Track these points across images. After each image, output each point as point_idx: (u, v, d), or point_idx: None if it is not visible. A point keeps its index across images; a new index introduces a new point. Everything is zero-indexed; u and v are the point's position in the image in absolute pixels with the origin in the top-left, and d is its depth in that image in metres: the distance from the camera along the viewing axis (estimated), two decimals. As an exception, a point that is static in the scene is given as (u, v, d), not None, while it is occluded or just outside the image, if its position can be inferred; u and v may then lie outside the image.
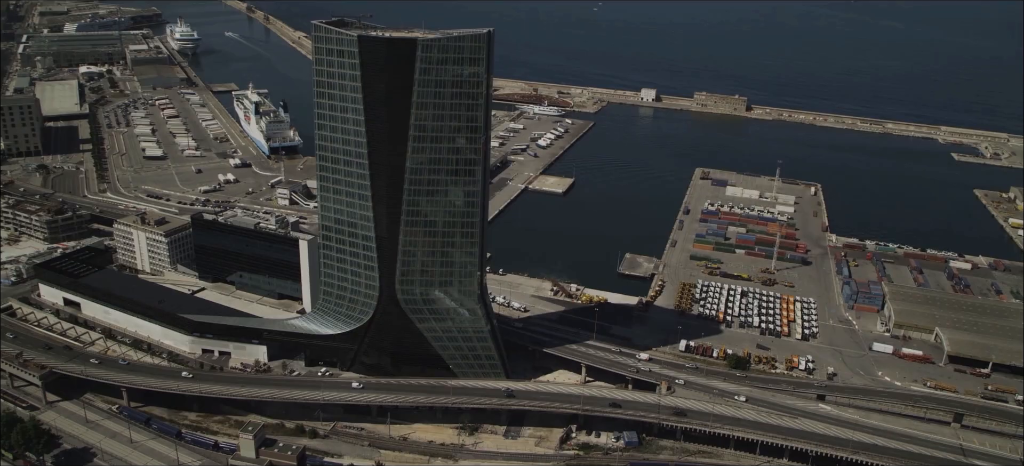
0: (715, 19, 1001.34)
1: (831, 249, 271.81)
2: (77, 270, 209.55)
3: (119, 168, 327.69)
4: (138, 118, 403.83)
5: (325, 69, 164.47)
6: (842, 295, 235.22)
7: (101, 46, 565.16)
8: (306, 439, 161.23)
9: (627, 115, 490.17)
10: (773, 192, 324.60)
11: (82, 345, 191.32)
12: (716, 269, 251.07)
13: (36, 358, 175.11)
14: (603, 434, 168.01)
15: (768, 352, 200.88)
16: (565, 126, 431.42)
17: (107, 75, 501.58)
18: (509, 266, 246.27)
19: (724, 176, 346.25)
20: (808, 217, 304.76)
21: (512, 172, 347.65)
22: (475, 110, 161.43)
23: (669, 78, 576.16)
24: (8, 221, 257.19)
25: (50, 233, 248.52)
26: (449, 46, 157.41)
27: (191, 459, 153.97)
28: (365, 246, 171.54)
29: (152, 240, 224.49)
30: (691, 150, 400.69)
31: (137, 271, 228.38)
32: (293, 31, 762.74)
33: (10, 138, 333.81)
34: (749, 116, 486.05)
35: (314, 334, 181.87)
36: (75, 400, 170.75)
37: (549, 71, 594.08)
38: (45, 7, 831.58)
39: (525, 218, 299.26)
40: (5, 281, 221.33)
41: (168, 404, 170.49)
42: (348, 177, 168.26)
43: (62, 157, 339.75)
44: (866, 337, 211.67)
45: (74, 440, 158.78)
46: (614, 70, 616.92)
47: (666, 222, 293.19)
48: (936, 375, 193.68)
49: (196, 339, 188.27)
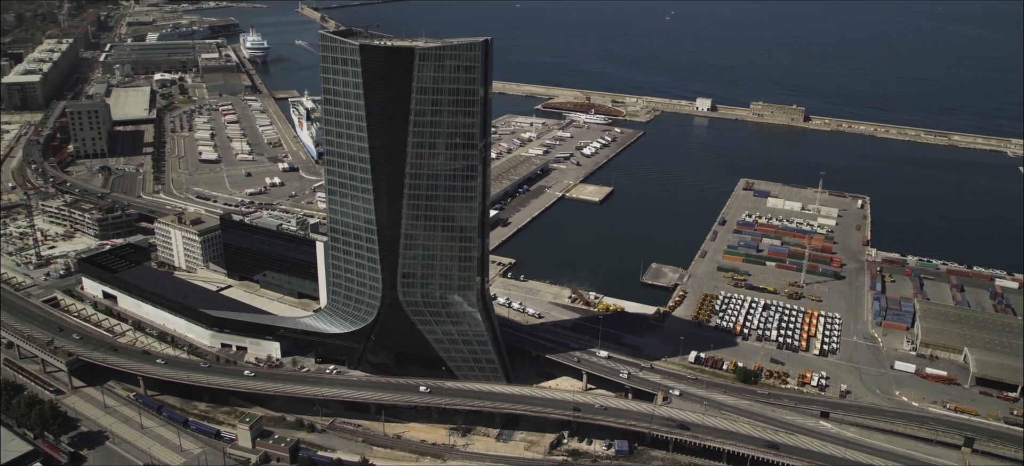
0: (788, 26, 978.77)
1: (869, 264, 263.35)
2: (115, 265, 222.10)
3: (175, 170, 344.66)
4: (200, 123, 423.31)
5: (331, 76, 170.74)
6: (871, 311, 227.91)
7: (176, 55, 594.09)
8: (304, 433, 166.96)
9: (680, 125, 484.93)
10: (816, 204, 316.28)
11: (112, 335, 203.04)
12: (742, 281, 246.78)
13: (65, 346, 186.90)
14: (595, 442, 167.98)
15: (782, 367, 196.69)
16: (613, 135, 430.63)
17: (179, 82, 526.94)
18: (533, 273, 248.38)
19: (767, 187, 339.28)
20: (850, 230, 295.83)
21: (552, 180, 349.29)
22: (472, 117, 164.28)
23: (727, 88, 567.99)
24: (65, 218, 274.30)
25: (101, 230, 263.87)
26: (445, 55, 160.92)
27: (192, 446, 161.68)
28: (369, 248, 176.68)
29: (187, 239, 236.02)
30: (739, 161, 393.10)
31: (174, 267, 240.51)
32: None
33: (78, 141, 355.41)
34: (807, 127, 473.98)
35: (322, 332, 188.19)
36: (98, 387, 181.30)
37: (607, 79, 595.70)
38: (133, 17, 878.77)
39: (557, 226, 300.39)
40: (54, 274, 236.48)
41: (181, 394, 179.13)
42: (352, 180, 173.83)
43: (125, 159, 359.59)
44: (890, 355, 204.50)
45: (91, 423, 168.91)
46: (674, 79, 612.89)
47: (701, 232, 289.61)
48: (959, 397, 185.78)
49: (215, 334, 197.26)
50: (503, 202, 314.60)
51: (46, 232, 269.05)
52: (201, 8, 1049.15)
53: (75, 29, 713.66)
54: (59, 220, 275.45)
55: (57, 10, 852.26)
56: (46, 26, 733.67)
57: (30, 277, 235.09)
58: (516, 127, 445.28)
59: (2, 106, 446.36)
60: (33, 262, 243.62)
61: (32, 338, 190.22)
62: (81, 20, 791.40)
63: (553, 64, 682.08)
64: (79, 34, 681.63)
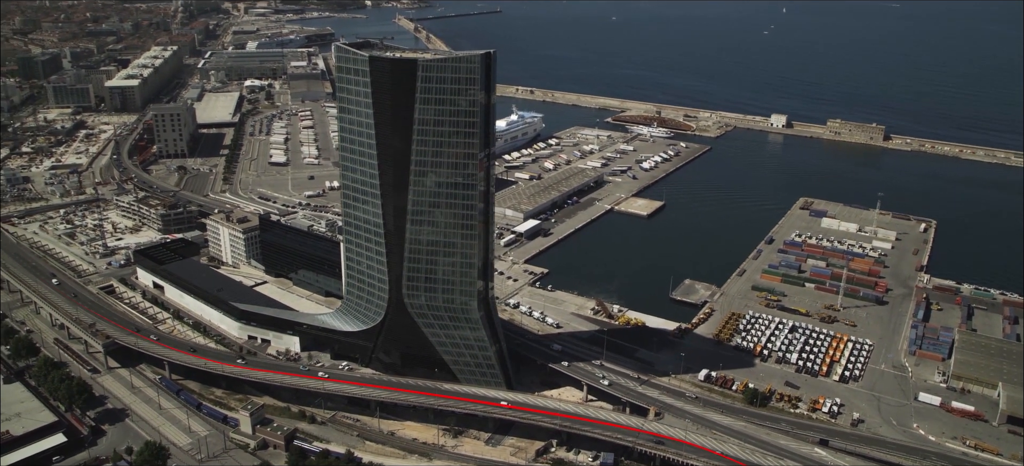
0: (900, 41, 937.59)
1: (917, 290, 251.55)
2: (165, 258, 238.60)
3: (245, 171, 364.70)
4: (277, 127, 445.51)
5: (345, 85, 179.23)
6: (908, 339, 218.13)
7: (267, 62, 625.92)
8: (304, 423, 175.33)
9: (752, 141, 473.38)
10: (873, 225, 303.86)
11: (153, 322, 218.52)
12: (775, 301, 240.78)
13: (104, 329, 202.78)
14: (582, 453, 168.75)
15: (795, 390, 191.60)
16: (677, 150, 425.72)
17: (266, 88, 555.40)
18: (563, 284, 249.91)
19: (825, 207, 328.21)
20: (905, 255, 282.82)
21: (604, 193, 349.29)
22: (472, 128, 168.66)
23: (810, 103, 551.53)
24: (134, 213, 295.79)
25: (164, 225, 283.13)
26: (446, 67, 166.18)
27: (200, 428, 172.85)
28: (377, 250, 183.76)
29: (233, 236, 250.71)
30: (804, 180, 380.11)
31: (221, 262, 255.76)
32: (445, 48, 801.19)
33: (161, 142, 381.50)
34: (886, 146, 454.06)
35: (335, 330, 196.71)
36: (130, 368, 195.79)
37: (686, 93, 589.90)
38: (239, 27, 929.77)
39: (599, 238, 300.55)
40: (115, 263, 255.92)
41: (202, 380, 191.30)
42: (363, 184, 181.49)
43: (202, 160, 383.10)
44: (917, 386, 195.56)
45: (116, 401, 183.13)
46: (756, 94, 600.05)
47: (745, 250, 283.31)
48: (984, 434, 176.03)
49: (243, 326, 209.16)
50: (549, 213, 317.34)
51: (117, 225, 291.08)
52: (304, 18, 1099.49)
53: (183, 37, 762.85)
54: (129, 214, 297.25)
55: (171, 19, 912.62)
56: (158, 34, 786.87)
57: (94, 265, 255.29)
58: (580, 139, 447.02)
59: (104, 108, 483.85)
60: (100, 252, 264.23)
61: (78, 320, 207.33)
62: (190, 29, 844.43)
63: (635, 78, 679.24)
64: (186, 42, 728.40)
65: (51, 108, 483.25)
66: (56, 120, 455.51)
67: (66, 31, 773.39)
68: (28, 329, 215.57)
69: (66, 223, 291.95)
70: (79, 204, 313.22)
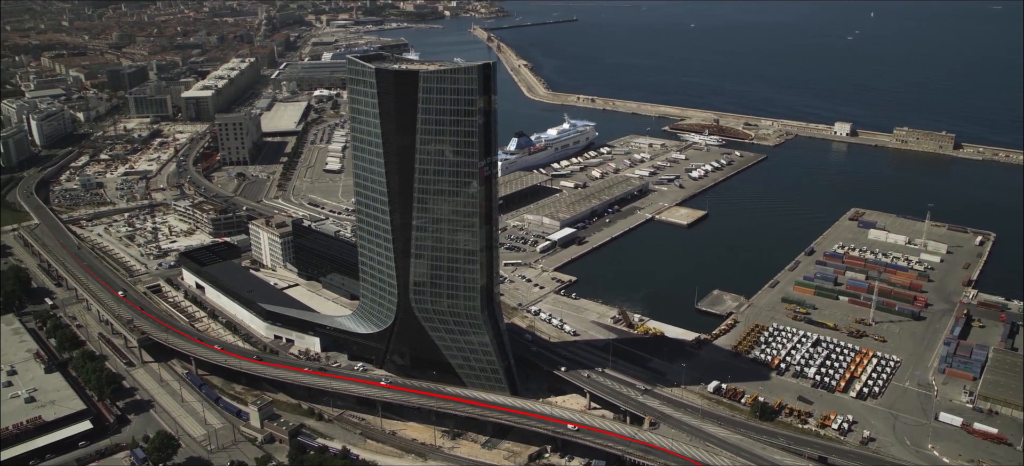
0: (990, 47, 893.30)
1: (961, 305, 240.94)
2: (207, 259, 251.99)
3: (300, 178, 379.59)
4: (338, 136, 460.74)
5: (355, 95, 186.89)
6: (939, 356, 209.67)
7: (338, 73, 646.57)
8: (311, 420, 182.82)
9: (813, 150, 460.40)
10: (923, 238, 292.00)
11: (190, 320, 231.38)
12: (804, 314, 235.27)
13: (141, 325, 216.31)
14: (576, 459, 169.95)
15: (808, 405, 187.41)
16: (730, 159, 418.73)
17: (334, 98, 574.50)
18: (589, 292, 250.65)
19: (875, 218, 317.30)
20: (955, 268, 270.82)
21: (647, 201, 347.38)
22: (472, 137, 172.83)
23: (881, 111, 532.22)
24: (189, 217, 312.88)
25: (214, 229, 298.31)
26: (446, 78, 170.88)
27: (215, 420, 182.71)
28: (387, 255, 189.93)
29: (271, 240, 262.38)
30: (860, 190, 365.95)
31: (261, 265, 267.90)
32: (516, 59, 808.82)
33: (224, 149, 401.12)
34: (956, 155, 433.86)
35: (351, 331, 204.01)
36: (162, 363, 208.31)
37: (749, 101, 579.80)
38: (319, 39, 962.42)
39: (635, 247, 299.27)
40: (165, 265, 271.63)
41: (225, 376, 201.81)
42: (372, 191, 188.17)
43: (261, 167, 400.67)
44: (941, 405, 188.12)
45: (144, 393, 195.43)
46: (823, 101, 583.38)
47: (783, 261, 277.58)
48: (1005, 459, 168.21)
49: (269, 326, 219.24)
50: (587, 221, 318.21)
51: (173, 228, 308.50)
52: (382, 30, 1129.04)
53: (263, 49, 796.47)
54: (185, 218, 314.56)
55: (255, 32, 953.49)
56: (241, 46, 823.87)
57: (146, 266, 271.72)
58: (632, 148, 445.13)
59: (180, 117, 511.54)
60: (153, 254, 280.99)
61: (119, 317, 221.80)
62: (271, 41, 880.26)
63: (701, 86, 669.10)
64: (264, 53, 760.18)
65: (132, 118, 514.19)
66: (135, 129, 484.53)
67: (156, 44, 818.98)
68: (78, 323, 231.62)
69: (128, 226, 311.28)
70: (143, 208, 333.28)
